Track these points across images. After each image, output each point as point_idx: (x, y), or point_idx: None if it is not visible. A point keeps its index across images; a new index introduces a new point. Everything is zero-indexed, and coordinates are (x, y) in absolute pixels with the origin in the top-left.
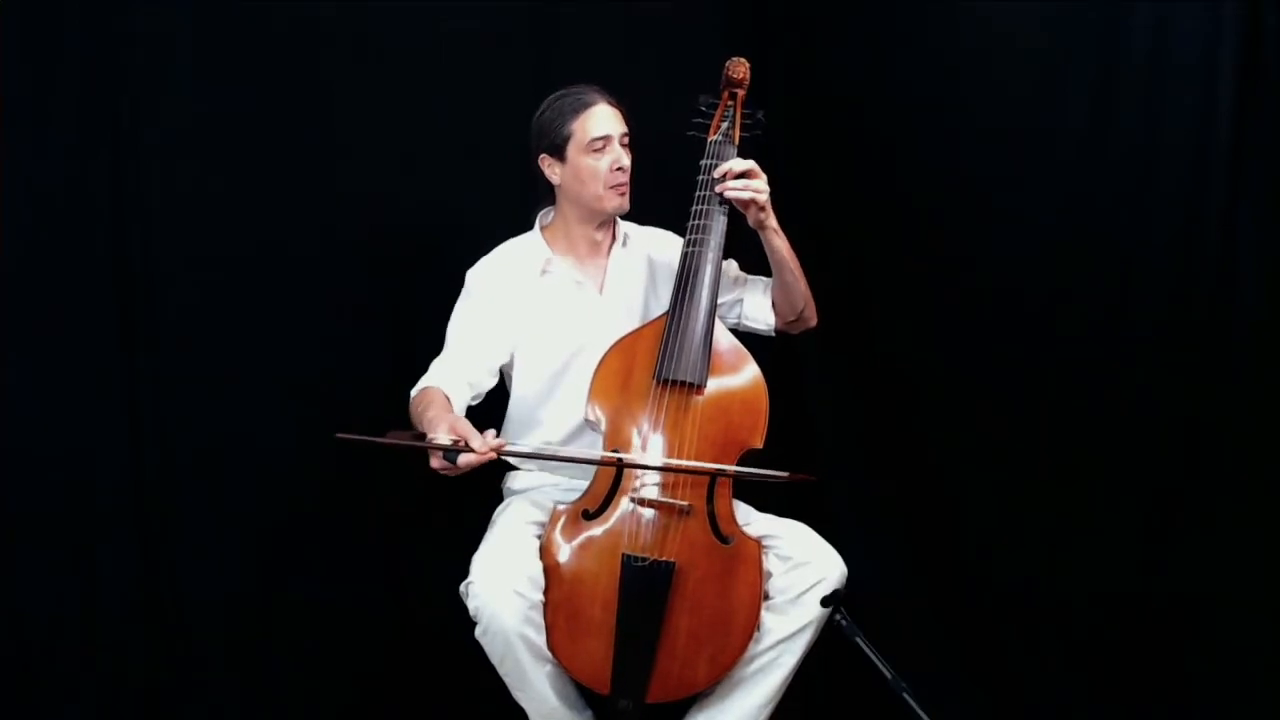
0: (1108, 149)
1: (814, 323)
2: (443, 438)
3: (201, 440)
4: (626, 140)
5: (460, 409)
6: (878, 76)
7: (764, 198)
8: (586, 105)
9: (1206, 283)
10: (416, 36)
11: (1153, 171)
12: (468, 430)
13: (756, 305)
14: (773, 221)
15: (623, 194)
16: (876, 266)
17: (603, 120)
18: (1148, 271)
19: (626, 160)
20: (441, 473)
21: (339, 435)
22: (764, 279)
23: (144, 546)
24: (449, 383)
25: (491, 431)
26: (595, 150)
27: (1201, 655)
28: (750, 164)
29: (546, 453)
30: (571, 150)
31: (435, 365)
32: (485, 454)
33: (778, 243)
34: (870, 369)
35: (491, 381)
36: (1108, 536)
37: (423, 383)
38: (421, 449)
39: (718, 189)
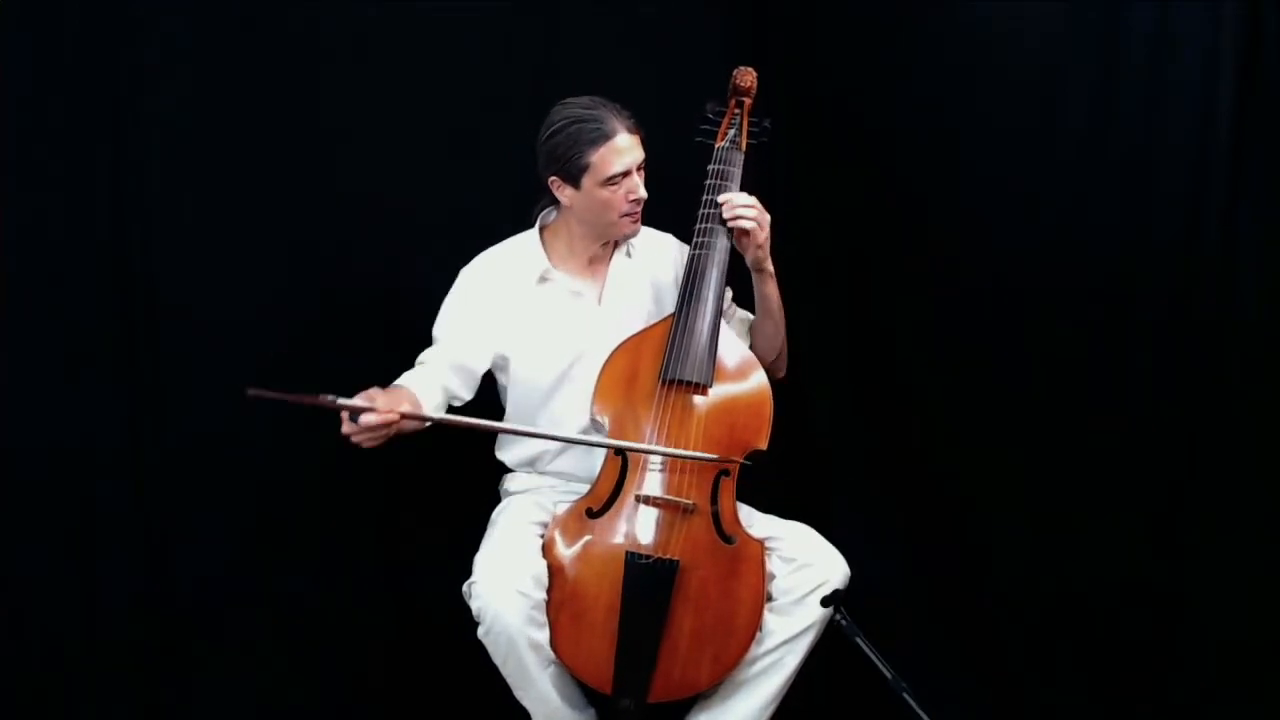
0: (1108, 149)
1: (782, 375)
2: (354, 402)
3: (201, 439)
4: (643, 165)
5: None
6: (877, 78)
7: (764, 235)
8: (607, 137)
9: (1206, 283)
10: (417, 36)
11: (1153, 171)
12: (376, 393)
13: None
14: (769, 265)
15: (635, 221)
16: (877, 267)
17: (623, 154)
18: (1148, 271)
19: (642, 190)
20: (352, 438)
21: (251, 392)
22: (748, 316)
23: (144, 546)
24: (424, 387)
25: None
26: (613, 184)
27: (1201, 655)
28: (752, 200)
29: (451, 419)
30: (587, 181)
31: (416, 365)
32: (386, 413)
33: (769, 289)
34: (871, 369)
35: (469, 394)
36: (1108, 536)
37: (402, 379)
38: (333, 409)
39: (719, 204)
